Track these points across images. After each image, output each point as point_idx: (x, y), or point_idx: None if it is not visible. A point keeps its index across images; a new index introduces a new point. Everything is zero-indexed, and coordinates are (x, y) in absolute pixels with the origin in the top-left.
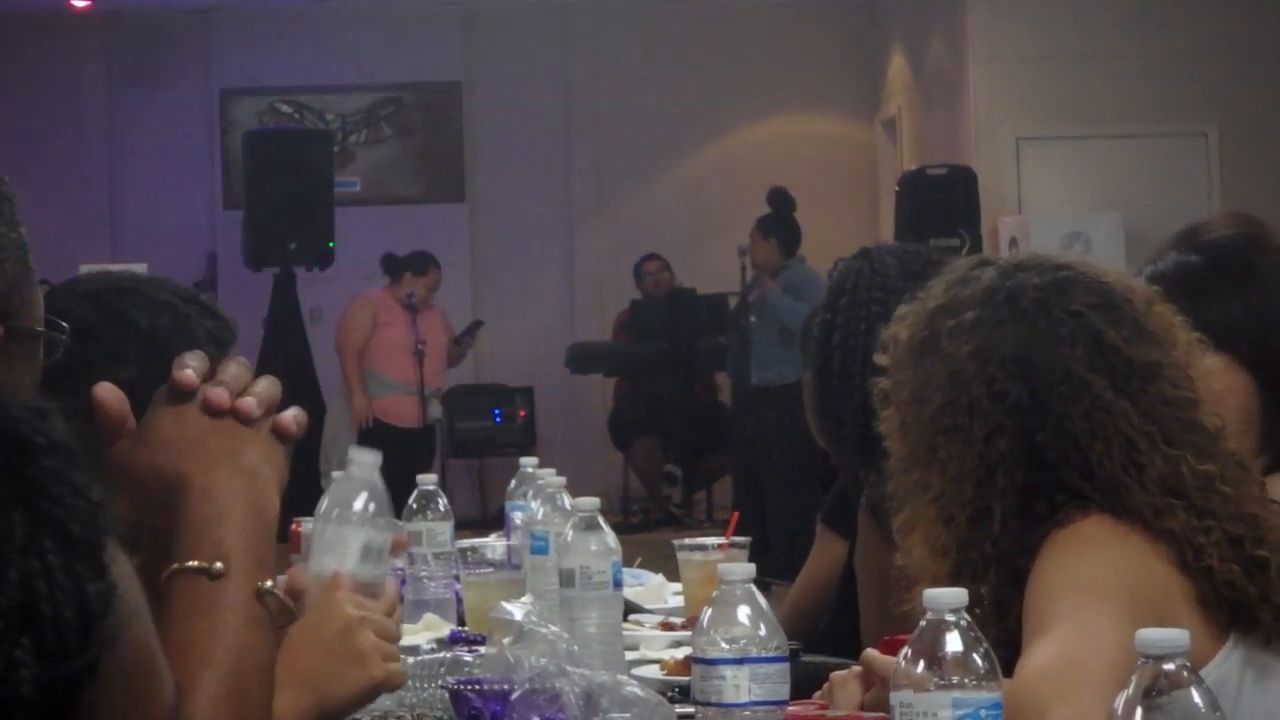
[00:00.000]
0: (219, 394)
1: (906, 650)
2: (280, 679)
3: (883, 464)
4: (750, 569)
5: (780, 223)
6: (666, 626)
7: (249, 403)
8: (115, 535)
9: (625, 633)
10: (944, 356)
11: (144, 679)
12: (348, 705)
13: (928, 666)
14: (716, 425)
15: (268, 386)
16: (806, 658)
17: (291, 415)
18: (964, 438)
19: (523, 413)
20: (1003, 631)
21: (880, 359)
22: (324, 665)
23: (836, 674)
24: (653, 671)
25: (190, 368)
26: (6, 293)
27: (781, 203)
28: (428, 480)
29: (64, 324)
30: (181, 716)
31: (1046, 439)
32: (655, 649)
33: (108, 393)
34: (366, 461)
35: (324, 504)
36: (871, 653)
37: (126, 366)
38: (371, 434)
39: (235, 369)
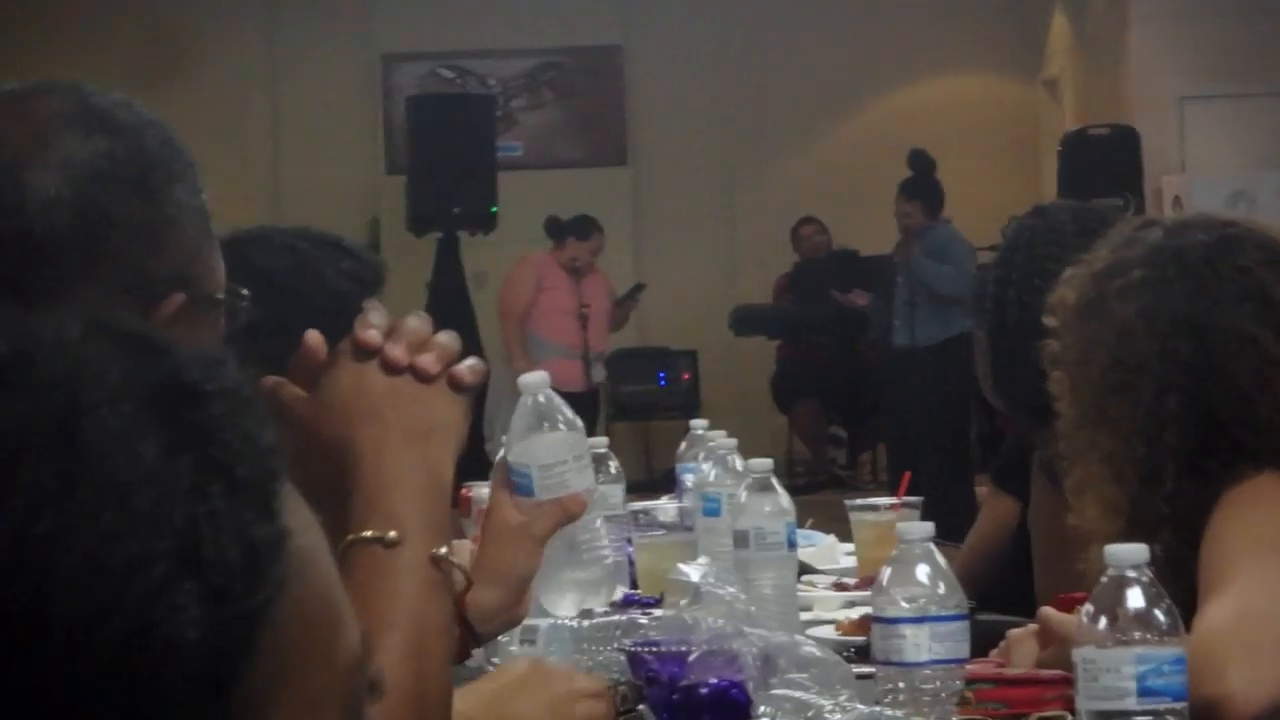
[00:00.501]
0: (397, 352)
1: (1088, 607)
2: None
3: (1055, 423)
4: (929, 528)
5: (922, 185)
6: (840, 587)
7: (427, 360)
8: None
9: (799, 594)
10: (1111, 317)
11: (325, 627)
12: None
13: (1110, 623)
14: (880, 387)
15: (448, 340)
16: (982, 616)
17: (468, 365)
18: (1133, 398)
19: (687, 375)
20: (1178, 590)
21: (1048, 321)
22: (512, 691)
23: (1013, 632)
24: (827, 632)
25: (373, 326)
26: (188, 260)
27: (922, 164)
28: (598, 443)
29: (244, 290)
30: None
31: (1216, 397)
32: (829, 609)
33: (314, 338)
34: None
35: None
36: (1049, 610)
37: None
38: None
39: (415, 323)
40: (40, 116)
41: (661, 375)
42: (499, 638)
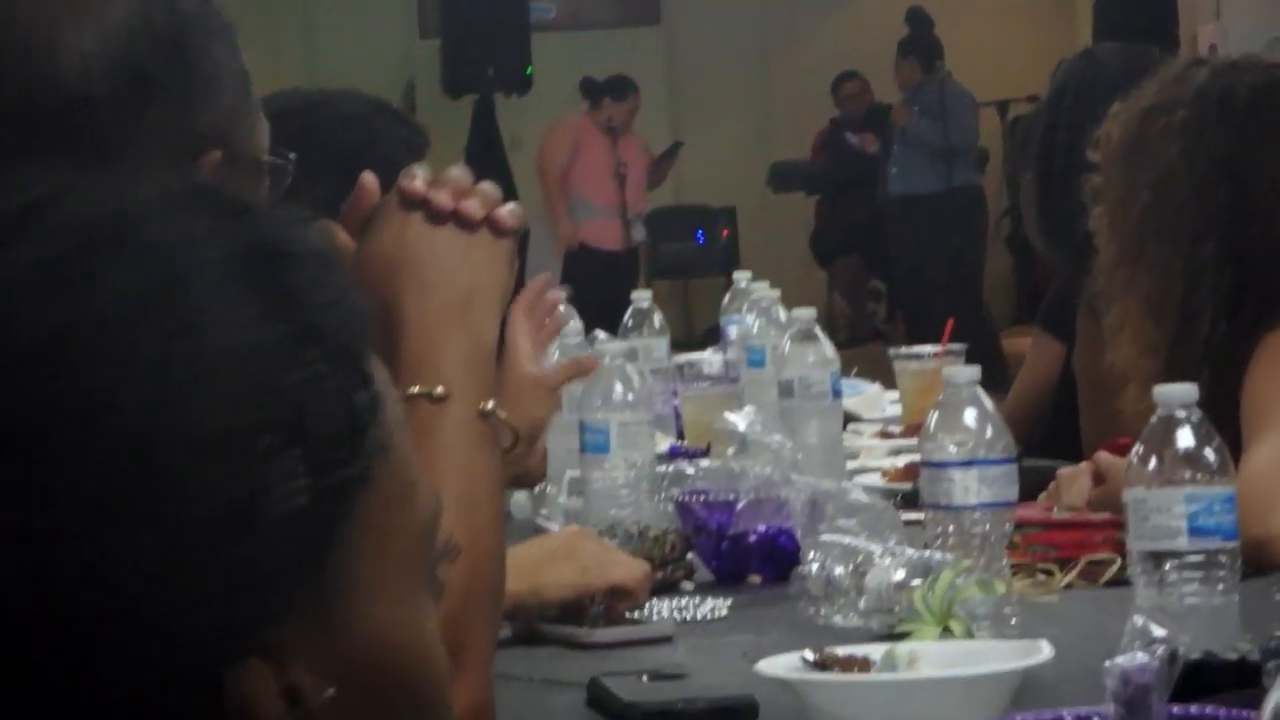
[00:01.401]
0: (442, 197)
1: (1138, 447)
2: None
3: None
4: (975, 372)
5: (918, 42)
6: (885, 435)
7: (471, 205)
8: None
9: (844, 443)
10: (1154, 157)
11: (409, 487)
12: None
13: (1160, 463)
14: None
15: (490, 188)
16: (1028, 462)
17: (508, 209)
18: (1172, 240)
19: (725, 233)
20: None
21: (1092, 156)
22: (544, 558)
23: (1064, 471)
24: (874, 479)
25: (417, 176)
26: (226, 119)
27: (919, 22)
28: (642, 297)
29: (289, 154)
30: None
31: (1254, 242)
32: (875, 458)
33: (370, 180)
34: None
35: None
36: (1103, 454)
37: (320, 184)
38: (575, 256)
39: (457, 173)
40: None
41: (699, 233)
42: (547, 489)
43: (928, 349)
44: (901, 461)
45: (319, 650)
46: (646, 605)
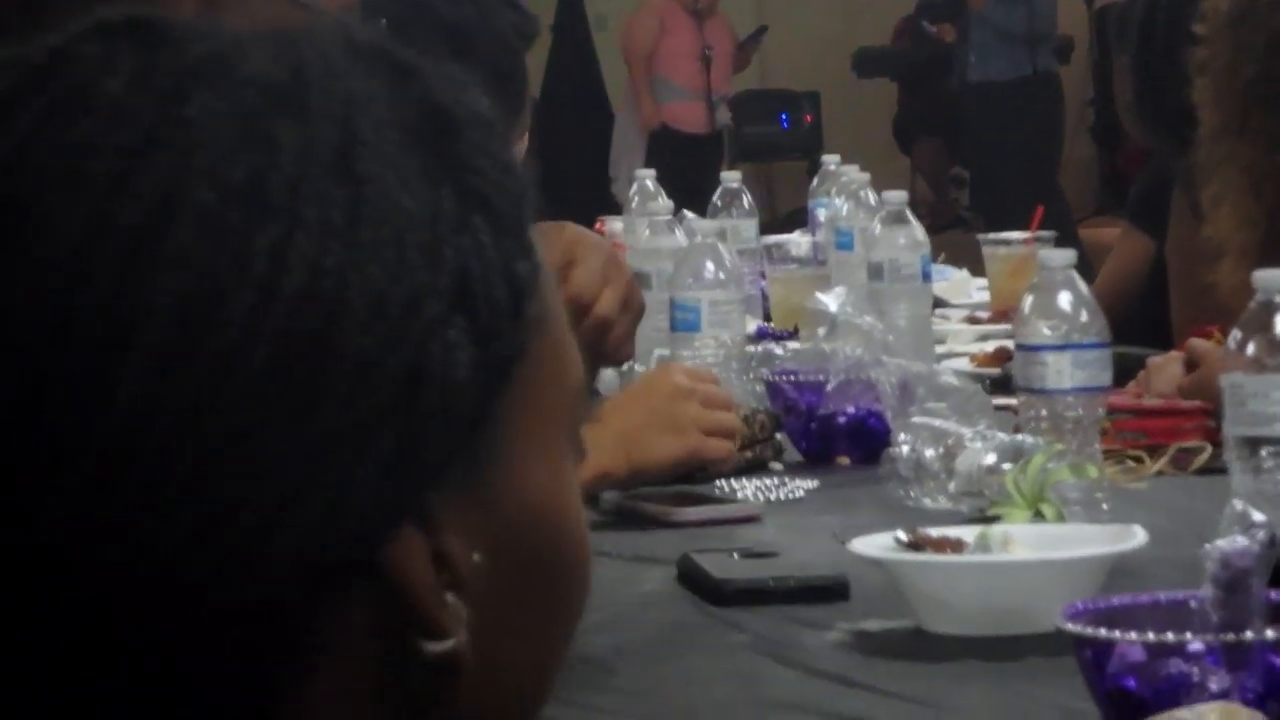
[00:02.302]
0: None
1: (1236, 332)
2: (600, 436)
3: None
4: (1071, 255)
5: None
6: (973, 320)
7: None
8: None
9: (933, 327)
10: (1262, 26)
11: (563, 356)
12: (658, 469)
13: (1258, 348)
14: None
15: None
16: (1118, 349)
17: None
18: (1278, 109)
19: (809, 117)
20: None
21: (1198, 28)
22: (643, 429)
23: (1154, 359)
24: (963, 364)
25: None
26: None
27: None
28: (731, 178)
29: (382, 20)
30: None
31: None
32: (963, 342)
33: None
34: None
35: None
36: (1196, 340)
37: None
38: (659, 138)
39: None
40: None
41: (784, 116)
42: (635, 366)
43: (1016, 235)
44: (990, 347)
45: (468, 516)
46: (736, 484)
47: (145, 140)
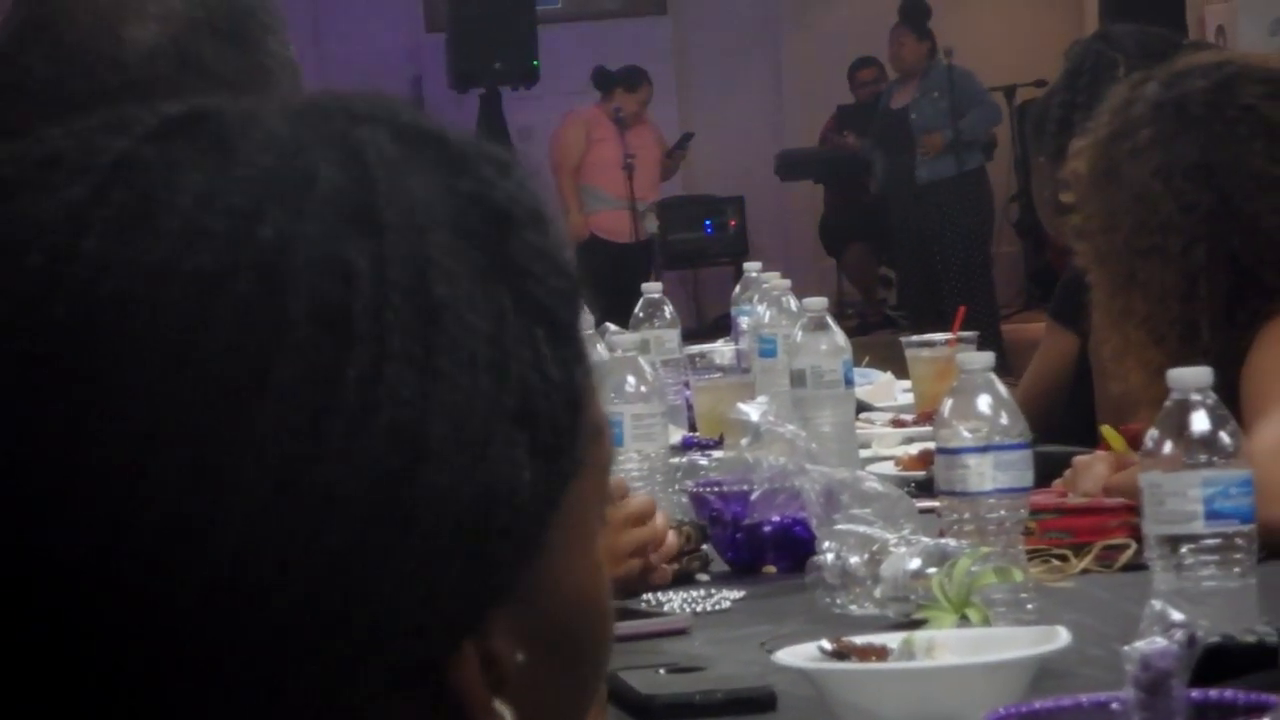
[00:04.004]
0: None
1: (1153, 431)
2: None
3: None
4: (989, 358)
5: (918, 16)
6: (898, 423)
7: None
8: None
9: (858, 431)
10: (1126, 182)
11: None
12: None
13: (1175, 446)
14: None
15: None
16: (1042, 448)
17: None
18: (1161, 256)
19: (734, 222)
20: None
21: (1065, 197)
22: None
23: (1079, 458)
24: (887, 468)
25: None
26: None
27: (916, 6)
28: (653, 289)
29: None
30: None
31: (1241, 242)
32: (888, 446)
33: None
34: None
35: None
36: (1112, 435)
37: None
38: (589, 248)
39: None
40: None
41: (708, 223)
42: None
43: (940, 336)
44: (915, 449)
45: (516, 620)
46: (663, 596)
47: (223, 264)
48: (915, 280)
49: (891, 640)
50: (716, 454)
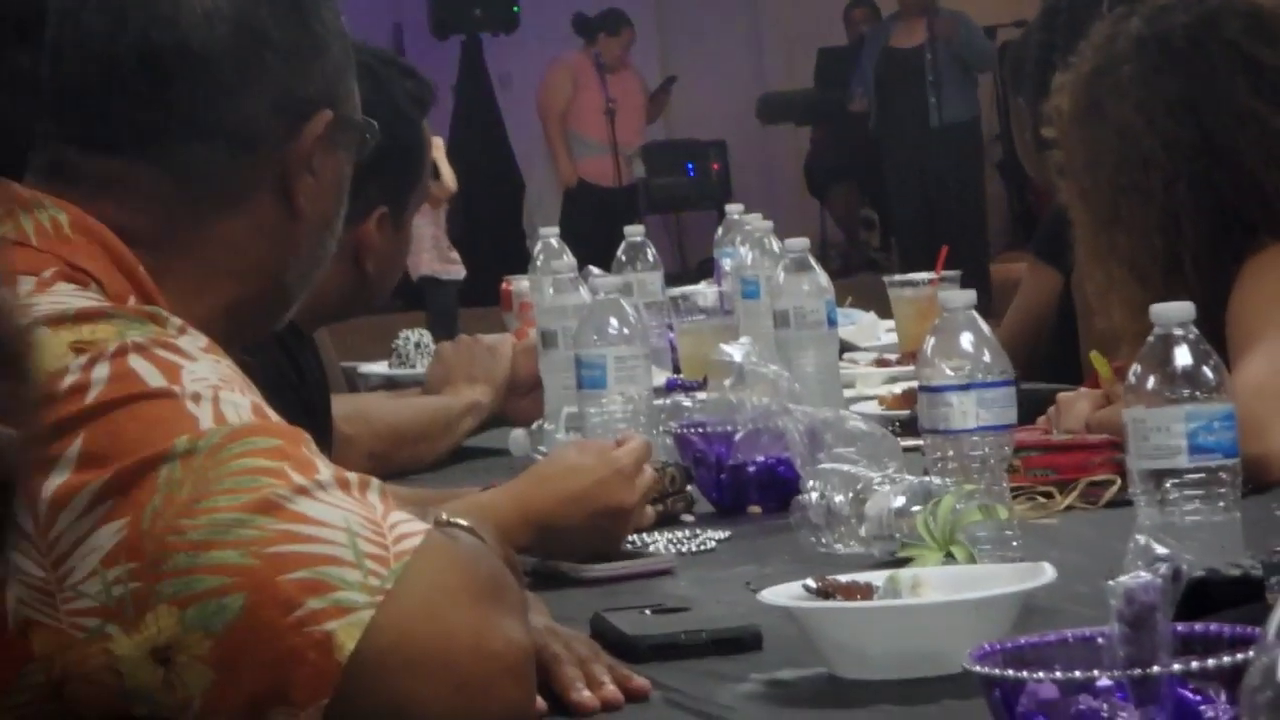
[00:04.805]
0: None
1: (1136, 366)
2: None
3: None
4: (971, 296)
5: None
6: (882, 363)
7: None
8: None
9: (841, 371)
10: (1109, 118)
11: None
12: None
13: (1159, 381)
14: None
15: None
16: (1026, 386)
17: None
18: (1144, 193)
19: (716, 166)
20: None
21: (1048, 132)
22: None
23: (1063, 395)
24: (871, 407)
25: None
26: (333, 81)
27: None
28: (635, 232)
29: (375, 122)
30: None
31: (1223, 177)
32: (872, 386)
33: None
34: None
35: None
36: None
37: None
38: (574, 193)
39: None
40: None
41: (690, 166)
42: (544, 425)
43: (922, 276)
44: (899, 388)
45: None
46: (648, 538)
47: None
48: (913, 222)
49: (876, 579)
50: (700, 395)
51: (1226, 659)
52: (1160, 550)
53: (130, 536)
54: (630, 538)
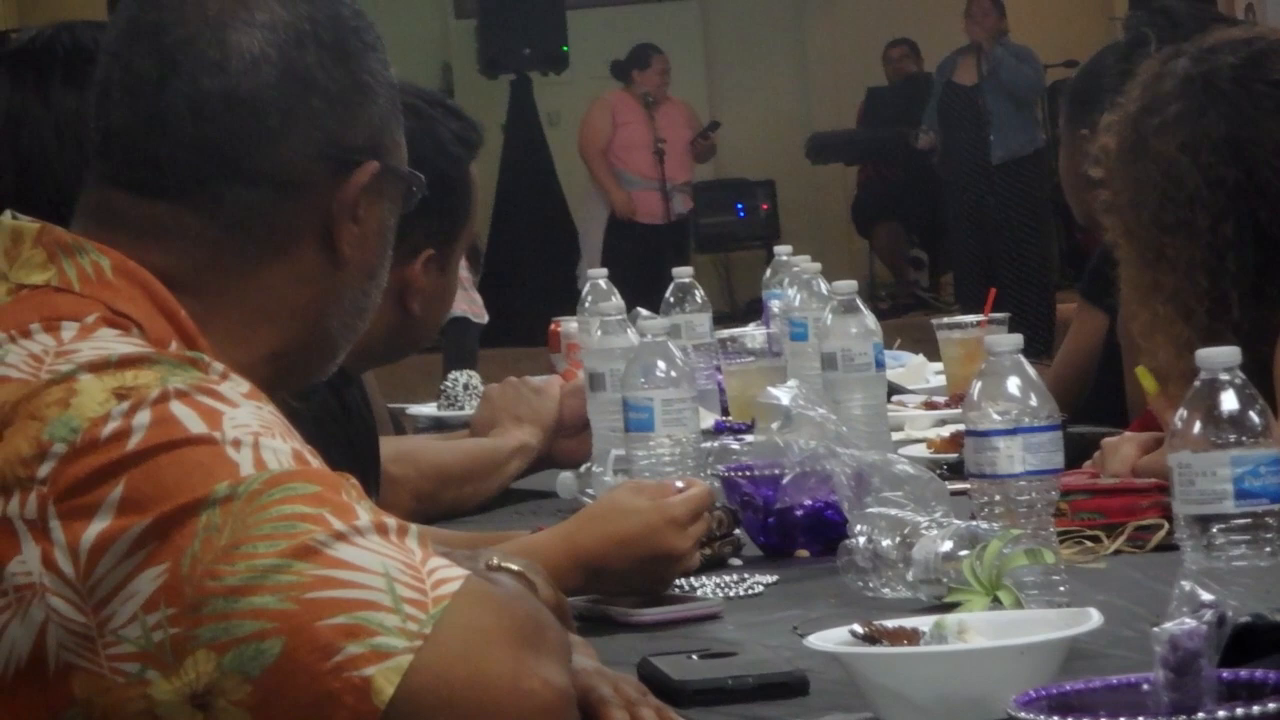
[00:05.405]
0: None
1: (1182, 411)
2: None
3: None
4: (1018, 339)
5: None
6: (930, 406)
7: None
8: None
9: (890, 414)
10: (1155, 156)
11: None
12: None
13: (1204, 425)
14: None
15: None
16: (1074, 429)
17: None
18: (1189, 231)
19: (765, 205)
20: None
21: (1094, 172)
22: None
23: (1108, 440)
24: (919, 450)
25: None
26: (379, 130)
27: None
28: (683, 273)
29: (422, 175)
30: None
31: (1269, 216)
32: (920, 428)
33: None
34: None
35: None
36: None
37: None
38: (619, 231)
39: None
40: None
41: (740, 206)
42: (593, 467)
43: (970, 318)
44: (947, 431)
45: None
46: (695, 581)
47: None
48: (971, 260)
49: (923, 624)
50: (748, 438)
51: (1271, 705)
52: (1205, 596)
53: (170, 581)
54: (677, 581)
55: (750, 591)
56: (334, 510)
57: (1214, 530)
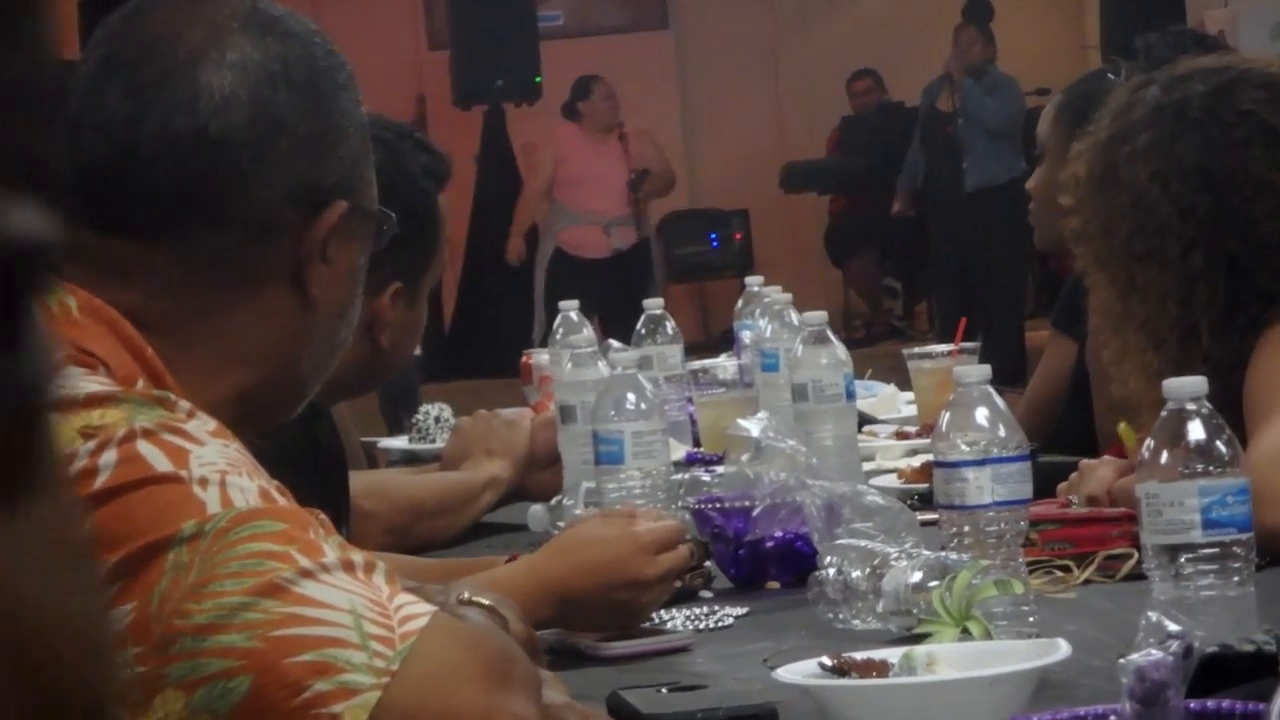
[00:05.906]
0: None
1: (1149, 441)
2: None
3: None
4: (986, 370)
5: (982, 14)
6: (901, 435)
7: None
8: None
9: (861, 444)
10: (1125, 185)
11: None
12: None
13: (1171, 455)
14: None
15: None
16: (1045, 458)
17: None
18: (1160, 260)
19: (739, 235)
20: None
21: (1065, 200)
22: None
23: (1086, 461)
24: (890, 480)
25: None
26: (349, 170)
27: (980, 9)
28: (654, 305)
29: (392, 213)
30: None
31: (1239, 246)
32: (891, 458)
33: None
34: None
35: None
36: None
37: None
38: (560, 264)
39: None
40: (214, 18)
41: (713, 236)
42: (564, 500)
43: (941, 348)
44: (918, 461)
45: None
46: (665, 614)
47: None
48: (948, 288)
49: (892, 655)
50: (719, 469)
51: None
52: (1172, 627)
53: (138, 620)
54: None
55: (721, 624)
56: (301, 548)
57: (1182, 560)
